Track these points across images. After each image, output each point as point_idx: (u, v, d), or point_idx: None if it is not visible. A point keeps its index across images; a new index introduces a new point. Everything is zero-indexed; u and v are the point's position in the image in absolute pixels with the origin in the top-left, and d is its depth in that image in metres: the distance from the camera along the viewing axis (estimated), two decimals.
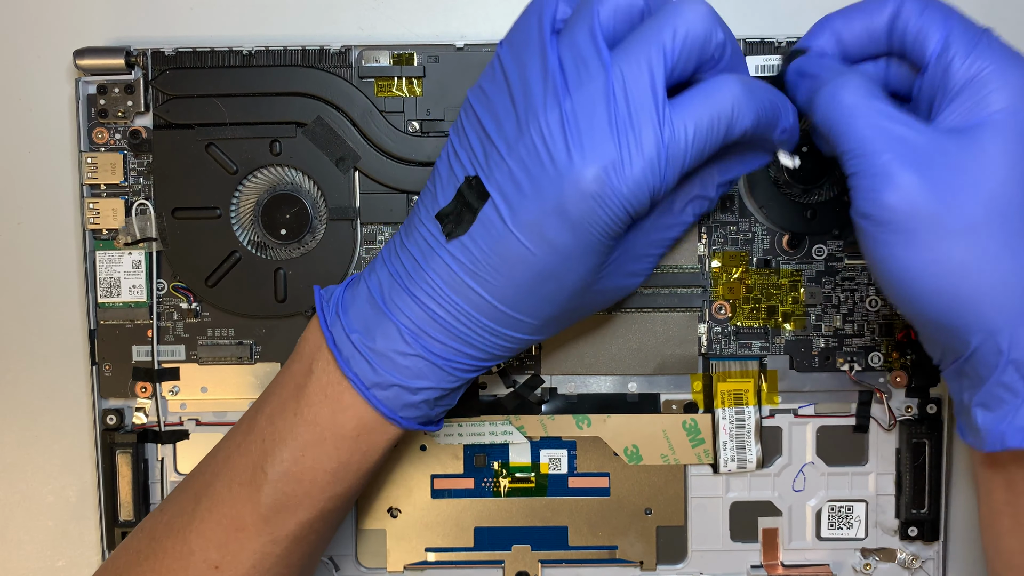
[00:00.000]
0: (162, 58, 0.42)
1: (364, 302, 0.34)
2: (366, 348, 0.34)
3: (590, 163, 0.30)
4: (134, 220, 0.43)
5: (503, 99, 0.32)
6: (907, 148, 0.31)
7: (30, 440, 0.45)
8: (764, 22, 0.43)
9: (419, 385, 0.34)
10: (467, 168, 0.32)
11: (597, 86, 0.30)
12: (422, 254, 0.33)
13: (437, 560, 0.44)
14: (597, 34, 0.30)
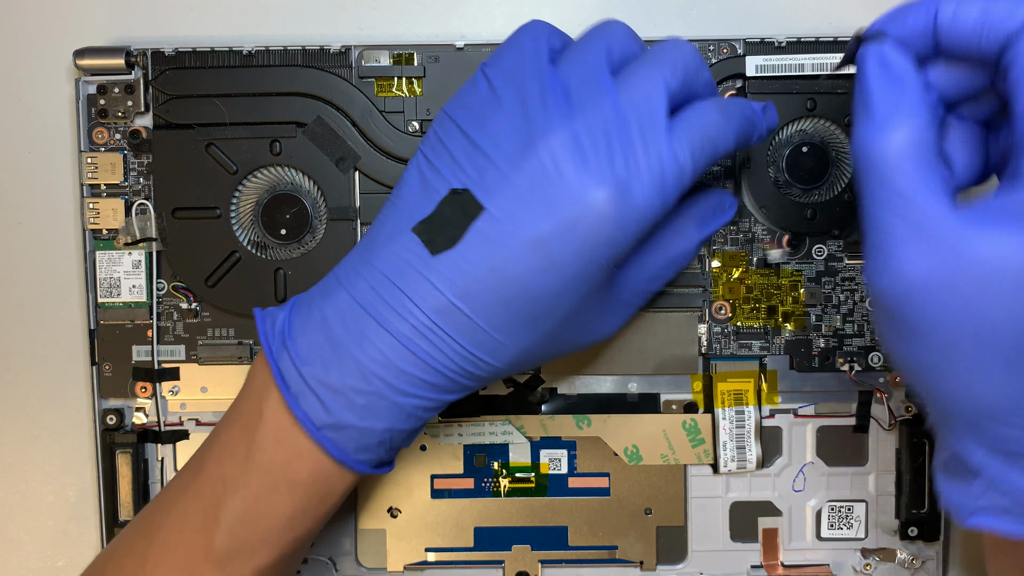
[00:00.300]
0: (162, 58, 0.42)
1: (316, 331, 0.32)
2: (318, 384, 0.31)
3: (603, 183, 0.30)
4: (134, 220, 0.43)
5: (498, 118, 0.31)
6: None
7: (30, 440, 0.45)
8: (764, 22, 0.43)
9: (378, 426, 0.32)
10: (451, 183, 0.31)
11: (606, 109, 0.30)
12: (398, 274, 0.31)
13: (437, 560, 0.44)
14: (603, 61, 0.31)
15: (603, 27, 0.33)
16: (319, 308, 0.32)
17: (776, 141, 0.42)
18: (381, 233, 0.32)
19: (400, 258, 0.31)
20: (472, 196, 0.31)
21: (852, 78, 0.41)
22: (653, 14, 0.43)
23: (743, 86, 0.42)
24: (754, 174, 0.41)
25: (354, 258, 0.33)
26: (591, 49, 0.32)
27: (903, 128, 0.28)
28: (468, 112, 0.32)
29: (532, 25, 0.33)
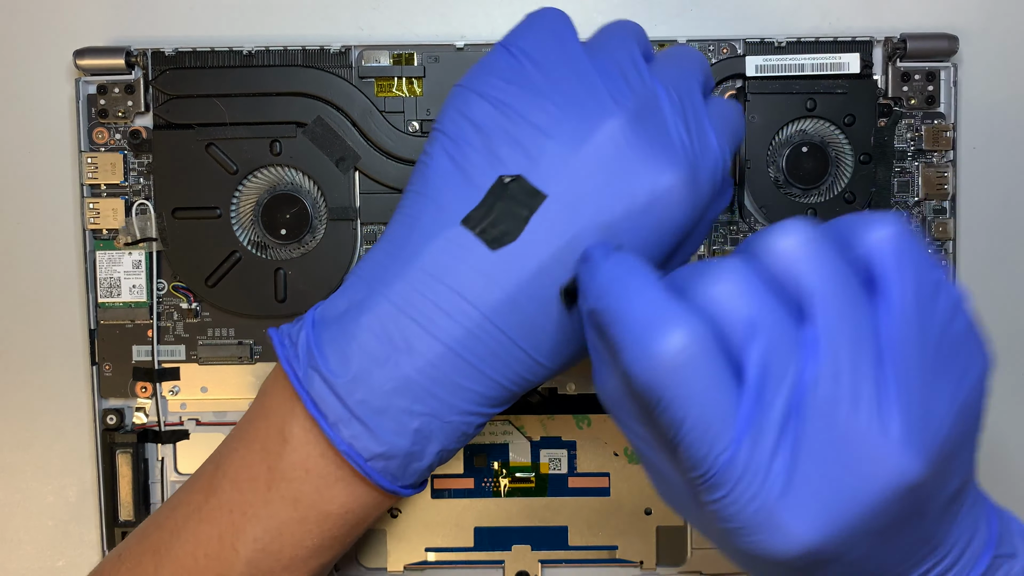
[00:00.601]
0: (162, 58, 0.42)
1: (353, 347, 0.28)
2: (363, 408, 0.28)
3: (679, 166, 0.28)
4: (134, 220, 0.43)
5: (545, 96, 0.28)
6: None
7: (30, 440, 0.45)
8: (764, 22, 0.43)
9: (432, 449, 0.29)
10: (496, 168, 0.28)
11: (660, 94, 0.29)
12: (447, 272, 0.28)
13: (437, 560, 0.44)
14: (638, 52, 0.30)
15: (624, 25, 0.31)
16: (352, 320, 0.28)
17: (776, 141, 0.42)
18: (415, 230, 0.29)
19: (449, 255, 0.28)
20: (528, 183, 0.28)
21: (852, 78, 0.41)
22: (653, 14, 0.43)
23: (743, 86, 0.42)
24: (754, 174, 0.41)
25: (383, 259, 0.29)
26: (623, 41, 0.30)
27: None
28: (502, 90, 0.29)
29: (548, 12, 0.31)
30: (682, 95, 0.29)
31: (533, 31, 0.30)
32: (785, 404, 0.23)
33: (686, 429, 0.23)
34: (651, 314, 0.23)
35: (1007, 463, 0.44)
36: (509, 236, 0.27)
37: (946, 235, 0.42)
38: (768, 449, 0.23)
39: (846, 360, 0.23)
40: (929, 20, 0.43)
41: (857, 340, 0.23)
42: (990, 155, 0.43)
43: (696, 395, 0.23)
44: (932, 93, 0.42)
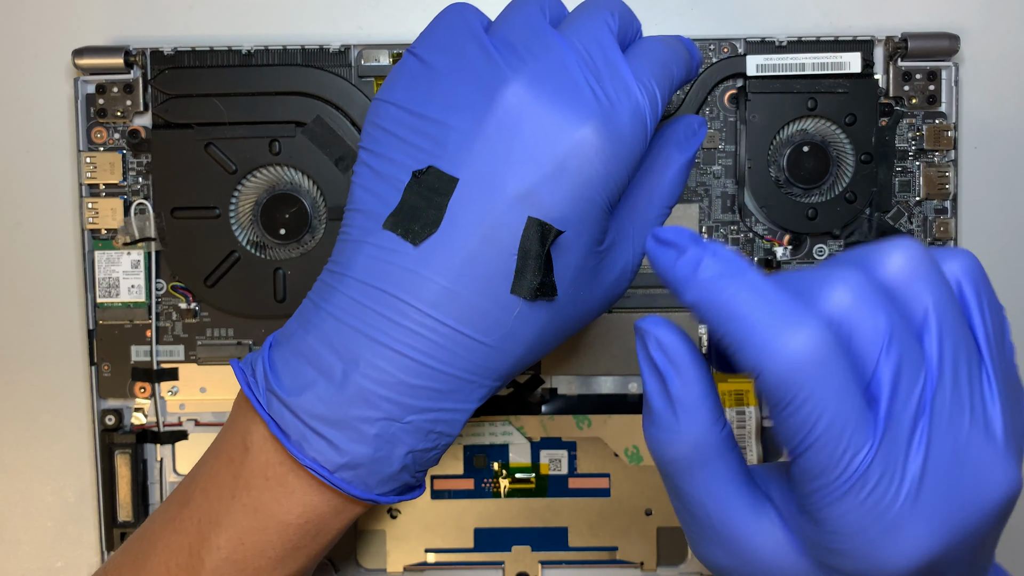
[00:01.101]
0: (161, 57, 0.42)
1: (304, 365, 0.29)
2: (320, 422, 0.28)
3: (587, 117, 0.28)
4: (133, 220, 0.42)
5: (443, 85, 0.29)
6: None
7: (28, 440, 0.45)
8: (765, 21, 0.43)
9: (397, 452, 0.29)
10: (409, 165, 0.28)
11: (561, 50, 0.28)
12: (380, 276, 0.28)
13: (437, 561, 0.44)
14: (540, 15, 0.30)
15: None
16: (300, 339, 0.29)
17: (777, 140, 0.42)
18: (348, 243, 0.29)
19: (378, 259, 0.28)
20: (439, 171, 0.28)
21: (853, 77, 0.41)
22: (653, 14, 0.43)
23: (744, 85, 0.41)
24: (755, 174, 0.41)
25: (326, 277, 0.30)
26: (523, 8, 0.30)
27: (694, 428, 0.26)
28: (407, 91, 0.29)
29: (455, 5, 0.31)
30: (589, 45, 0.29)
31: (436, 26, 0.30)
32: (915, 412, 0.23)
33: (822, 427, 0.23)
34: (783, 311, 0.23)
35: None
36: (430, 229, 0.28)
37: (947, 235, 0.42)
38: (903, 455, 0.23)
39: (964, 373, 0.24)
40: (930, 19, 0.43)
41: (970, 355, 0.24)
42: (991, 155, 0.43)
43: (833, 393, 0.23)
44: (933, 92, 0.42)
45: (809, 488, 0.24)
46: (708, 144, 0.42)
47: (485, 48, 0.29)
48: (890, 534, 0.23)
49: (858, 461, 0.23)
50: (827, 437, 0.23)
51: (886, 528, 0.23)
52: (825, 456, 0.23)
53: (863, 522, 0.23)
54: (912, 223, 0.42)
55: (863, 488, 0.23)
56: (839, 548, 0.24)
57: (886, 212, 0.42)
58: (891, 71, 0.42)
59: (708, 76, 0.42)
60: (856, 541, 0.24)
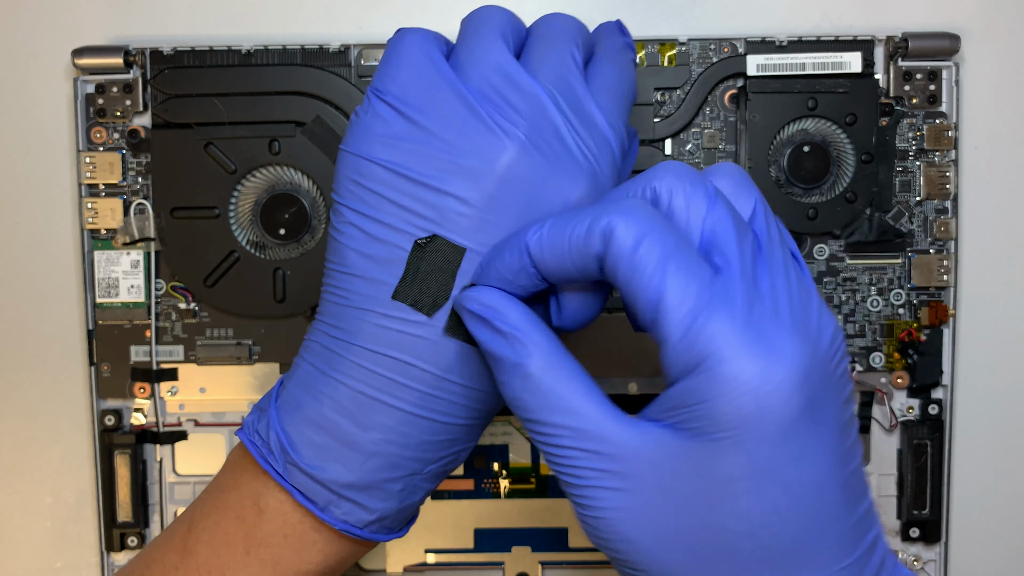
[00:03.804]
0: (161, 57, 0.42)
1: (322, 435, 0.29)
2: (349, 489, 0.29)
3: (576, 180, 0.28)
4: (132, 220, 0.42)
5: (432, 149, 0.28)
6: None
7: (28, 441, 0.45)
8: (765, 21, 0.43)
9: (418, 499, 0.30)
10: (408, 231, 0.28)
11: (541, 104, 0.28)
12: (394, 345, 0.28)
13: (437, 562, 0.44)
14: (508, 53, 0.29)
15: (486, 17, 0.30)
16: (311, 407, 0.29)
17: (777, 140, 0.42)
18: (349, 308, 0.29)
19: (389, 329, 0.28)
20: (445, 240, 0.28)
21: (854, 77, 0.41)
22: (653, 14, 0.43)
23: (744, 85, 0.41)
24: (755, 174, 0.41)
25: (327, 340, 0.29)
26: (490, 48, 0.29)
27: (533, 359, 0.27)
28: (390, 149, 0.29)
29: (412, 36, 0.30)
30: (564, 91, 0.29)
31: (401, 67, 0.29)
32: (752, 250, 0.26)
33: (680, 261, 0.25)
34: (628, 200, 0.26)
35: (1014, 459, 0.44)
36: (442, 298, 0.28)
37: (948, 235, 0.42)
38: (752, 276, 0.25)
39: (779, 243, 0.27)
40: (931, 19, 0.43)
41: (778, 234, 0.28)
42: (992, 154, 0.43)
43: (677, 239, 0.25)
44: (934, 92, 0.42)
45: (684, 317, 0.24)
46: (708, 144, 0.42)
47: (468, 103, 0.28)
48: (763, 343, 0.24)
49: (724, 278, 0.25)
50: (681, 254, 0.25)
51: (767, 346, 0.24)
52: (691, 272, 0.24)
53: (738, 339, 0.24)
54: (912, 223, 0.42)
55: (732, 304, 0.24)
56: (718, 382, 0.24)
57: (886, 212, 0.42)
58: (891, 71, 0.42)
59: (709, 76, 0.42)
60: (732, 363, 0.24)
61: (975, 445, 0.44)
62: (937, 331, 0.42)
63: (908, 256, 0.42)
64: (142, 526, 0.43)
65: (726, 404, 0.24)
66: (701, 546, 0.25)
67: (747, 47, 0.41)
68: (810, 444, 0.24)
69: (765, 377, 0.24)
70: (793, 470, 0.24)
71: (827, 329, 0.25)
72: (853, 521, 0.25)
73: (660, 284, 0.24)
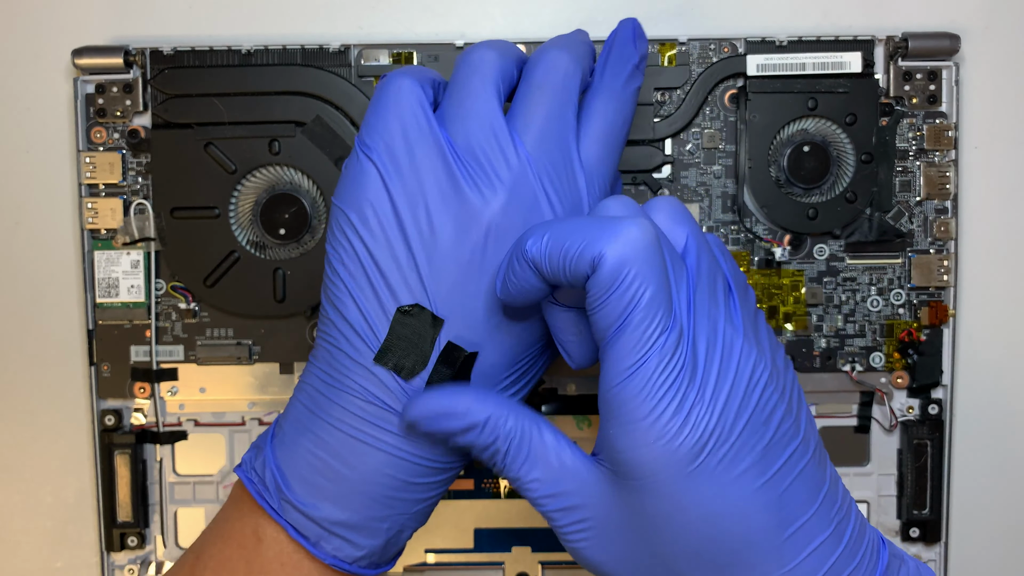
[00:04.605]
0: (161, 57, 0.42)
1: (315, 474, 0.30)
2: (338, 527, 0.30)
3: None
4: (132, 220, 0.42)
5: (420, 215, 0.30)
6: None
7: (28, 441, 0.45)
8: (765, 21, 0.43)
9: (405, 537, 0.32)
10: (396, 293, 0.30)
11: (523, 172, 0.30)
12: (380, 391, 0.30)
13: (437, 562, 0.44)
14: (497, 108, 0.30)
15: (479, 64, 0.31)
16: (305, 448, 0.31)
17: (777, 140, 0.42)
18: (338, 357, 0.31)
19: (372, 381, 0.30)
20: (425, 310, 0.30)
21: (854, 77, 0.41)
22: (653, 14, 0.43)
23: (744, 85, 0.41)
24: (755, 174, 0.41)
25: (319, 386, 0.31)
26: (480, 102, 0.30)
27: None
28: (378, 206, 0.30)
29: (399, 86, 0.31)
30: (549, 153, 0.30)
31: (388, 121, 0.30)
32: (687, 306, 0.28)
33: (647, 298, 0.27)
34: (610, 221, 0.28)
35: (1014, 459, 0.44)
36: (420, 366, 0.30)
37: (948, 235, 0.42)
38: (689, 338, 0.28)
39: (713, 279, 0.29)
40: (931, 19, 0.43)
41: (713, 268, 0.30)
42: (992, 154, 0.43)
43: (660, 270, 0.27)
44: (934, 92, 0.42)
45: (620, 367, 0.27)
46: (708, 144, 0.42)
47: (448, 164, 0.29)
48: (679, 412, 0.27)
49: (666, 337, 0.27)
50: (648, 308, 0.27)
51: (676, 407, 0.27)
52: (642, 330, 0.27)
53: (657, 403, 0.27)
54: (912, 223, 0.42)
55: (667, 363, 0.27)
56: (630, 435, 0.27)
57: (886, 212, 0.42)
58: (891, 71, 0.42)
59: (708, 76, 0.42)
60: (647, 422, 0.27)
61: (975, 445, 0.44)
62: (937, 331, 0.42)
63: (908, 256, 0.42)
64: (142, 526, 0.43)
65: (639, 457, 0.27)
66: (655, 568, 0.28)
67: (747, 47, 0.41)
68: (722, 483, 0.27)
69: (670, 437, 0.26)
70: (708, 505, 0.27)
71: (741, 382, 0.28)
72: (787, 535, 0.28)
73: (615, 332, 0.27)
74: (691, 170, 0.42)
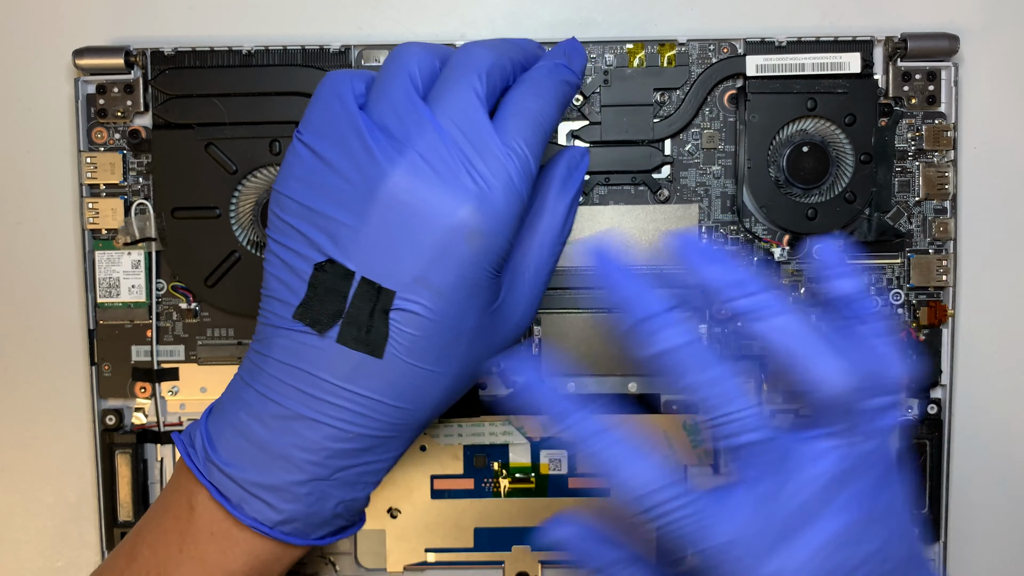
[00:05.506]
0: (161, 58, 0.42)
1: (237, 436, 0.32)
2: (257, 488, 0.31)
3: (461, 203, 0.30)
4: (133, 220, 0.43)
5: (331, 179, 0.31)
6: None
7: (29, 440, 0.45)
8: (764, 22, 0.43)
9: (329, 506, 0.32)
10: (310, 258, 0.31)
11: (430, 134, 0.30)
12: (296, 356, 0.31)
13: (437, 561, 0.44)
14: (410, 89, 0.31)
15: (398, 55, 0.33)
16: (232, 413, 0.32)
17: (777, 141, 0.42)
18: (267, 327, 0.32)
19: (293, 343, 0.31)
20: (337, 264, 0.31)
21: (853, 77, 0.41)
22: (653, 14, 0.43)
23: (743, 85, 0.41)
24: (754, 174, 0.41)
25: (252, 356, 0.33)
26: (395, 83, 0.32)
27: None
28: (299, 183, 0.32)
29: (330, 78, 0.33)
30: (459, 120, 0.31)
31: (316, 110, 0.32)
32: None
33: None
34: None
35: (1014, 459, 0.44)
36: (334, 319, 0.31)
37: (947, 235, 0.42)
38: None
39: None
40: (930, 19, 0.43)
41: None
42: (991, 155, 0.43)
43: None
44: (933, 93, 0.42)
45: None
46: (708, 144, 0.42)
47: (363, 137, 0.31)
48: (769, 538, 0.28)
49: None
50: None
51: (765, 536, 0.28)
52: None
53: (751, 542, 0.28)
54: (912, 223, 0.42)
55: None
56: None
57: (886, 212, 0.42)
58: (890, 71, 0.42)
59: (708, 76, 0.42)
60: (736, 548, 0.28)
61: (974, 445, 0.44)
62: (936, 331, 0.43)
63: (907, 256, 0.43)
64: None
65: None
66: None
67: (746, 47, 0.42)
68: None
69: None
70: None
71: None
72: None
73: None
74: (690, 170, 0.42)
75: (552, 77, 0.34)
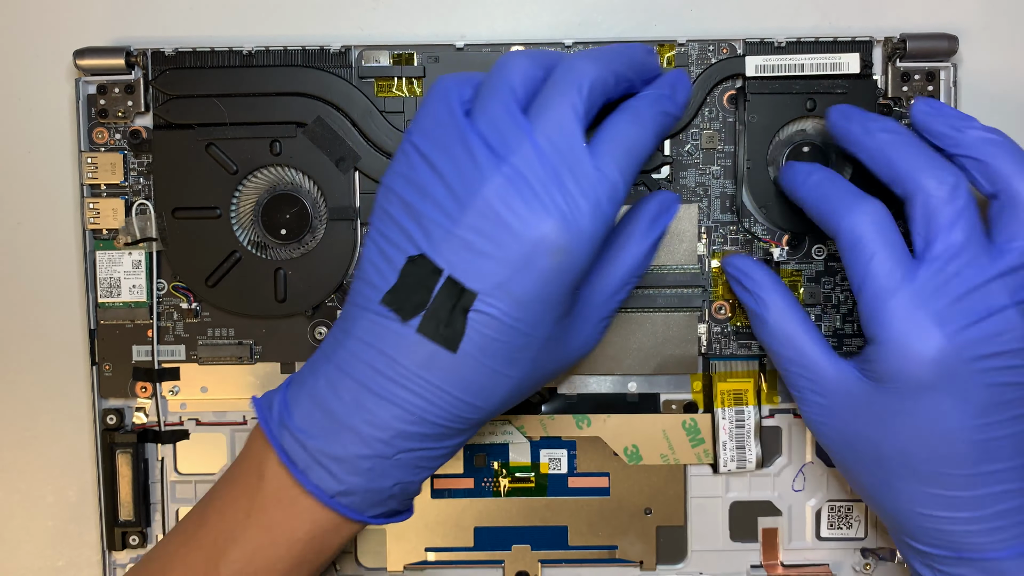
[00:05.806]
0: (162, 58, 0.42)
1: (312, 405, 0.33)
2: (324, 456, 0.33)
3: (546, 218, 0.31)
4: (134, 220, 0.43)
5: (433, 180, 0.32)
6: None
7: (30, 440, 0.45)
8: (764, 22, 0.43)
9: (386, 484, 0.34)
10: (405, 250, 0.33)
11: (527, 150, 0.32)
12: (378, 338, 0.33)
13: (437, 560, 0.44)
14: (511, 103, 0.33)
15: (502, 67, 0.34)
16: (311, 384, 0.34)
17: (776, 141, 0.42)
18: (354, 308, 0.34)
19: (376, 325, 0.33)
20: (428, 259, 0.32)
21: (852, 78, 0.41)
22: (653, 14, 0.43)
23: (743, 86, 0.42)
24: (754, 174, 0.41)
25: (336, 333, 0.34)
26: (496, 96, 0.33)
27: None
28: (404, 180, 0.33)
29: (440, 84, 0.34)
30: (555, 137, 0.32)
31: (426, 115, 0.34)
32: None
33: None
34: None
35: None
36: (418, 309, 0.32)
37: None
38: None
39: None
40: (929, 20, 0.43)
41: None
42: None
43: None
44: (932, 93, 0.42)
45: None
46: (707, 144, 0.42)
47: (466, 145, 0.32)
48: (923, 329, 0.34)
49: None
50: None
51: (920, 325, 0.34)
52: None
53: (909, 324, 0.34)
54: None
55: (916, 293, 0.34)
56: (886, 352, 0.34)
57: None
58: (890, 72, 0.42)
59: (708, 76, 0.42)
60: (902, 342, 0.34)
61: None
62: None
63: None
64: (144, 525, 0.43)
65: (891, 368, 0.34)
66: (864, 451, 0.36)
67: (746, 48, 0.42)
68: (943, 407, 0.34)
69: (919, 356, 0.34)
70: (927, 420, 0.34)
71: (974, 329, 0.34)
72: (975, 472, 0.34)
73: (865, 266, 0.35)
74: (690, 171, 0.42)
75: (653, 108, 0.35)
